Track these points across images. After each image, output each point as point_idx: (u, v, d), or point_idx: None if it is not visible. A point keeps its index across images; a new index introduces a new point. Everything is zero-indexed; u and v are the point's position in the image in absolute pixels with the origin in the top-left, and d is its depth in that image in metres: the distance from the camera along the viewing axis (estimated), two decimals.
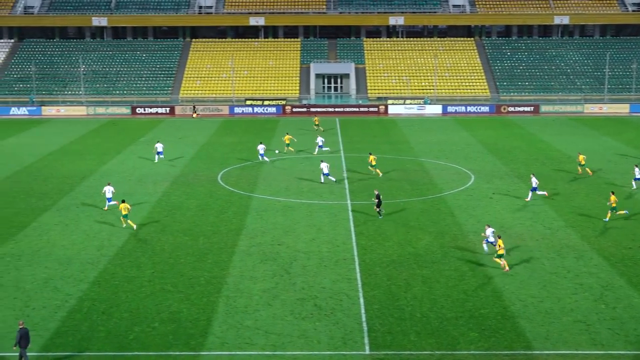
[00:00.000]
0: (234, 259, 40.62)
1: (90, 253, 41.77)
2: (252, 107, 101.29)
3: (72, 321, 32.79)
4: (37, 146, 74.97)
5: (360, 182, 58.13)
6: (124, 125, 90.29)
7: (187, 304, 34.55)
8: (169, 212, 50.18)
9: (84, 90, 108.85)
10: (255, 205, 51.56)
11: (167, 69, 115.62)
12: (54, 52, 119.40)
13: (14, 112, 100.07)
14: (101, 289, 36.46)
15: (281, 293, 35.76)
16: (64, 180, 59.31)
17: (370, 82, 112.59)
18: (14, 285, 36.93)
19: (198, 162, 66.57)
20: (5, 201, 53.15)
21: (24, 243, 43.59)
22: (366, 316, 33.11)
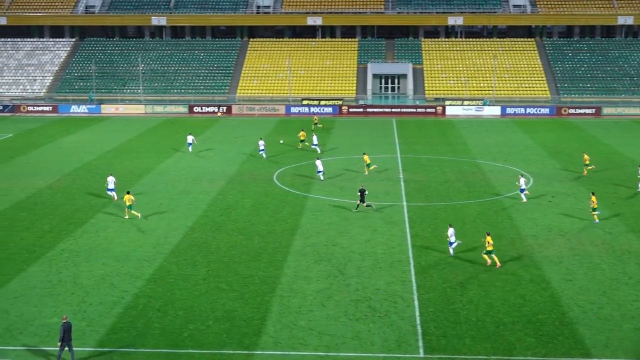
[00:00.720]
0: (288, 259, 40.75)
1: (146, 250, 42.32)
2: (308, 106, 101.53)
3: (127, 317, 33.26)
4: (96, 144, 76.23)
5: (416, 184, 57.84)
6: (181, 124, 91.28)
7: (241, 303, 34.77)
8: (224, 211, 50.57)
9: (143, 89, 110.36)
10: (310, 205, 51.66)
11: (225, 68, 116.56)
12: (114, 51, 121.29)
13: (74, 110, 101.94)
14: (157, 286, 36.91)
15: (335, 294, 35.76)
16: (121, 178, 60.13)
17: (427, 82, 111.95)
18: (72, 281, 37.61)
19: (254, 161, 66.95)
20: (64, 198, 54.16)
21: (82, 239, 44.37)
22: (421, 319, 32.91)
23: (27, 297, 35.59)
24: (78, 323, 32.49)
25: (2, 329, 31.97)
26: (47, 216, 49.43)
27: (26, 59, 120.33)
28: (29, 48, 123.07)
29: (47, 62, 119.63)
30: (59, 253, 41.93)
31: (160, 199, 53.76)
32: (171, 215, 49.30)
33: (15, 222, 47.95)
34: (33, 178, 60.31)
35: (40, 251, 42.24)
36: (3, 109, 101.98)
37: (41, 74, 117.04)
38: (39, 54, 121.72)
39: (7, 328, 32.08)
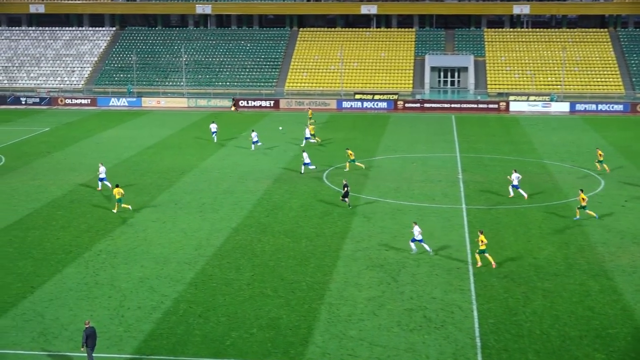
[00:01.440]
0: (338, 264, 40.77)
1: (187, 252, 42.71)
2: (361, 101, 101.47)
3: (167, 323, 33.59)
4: (136, 139, 77.14)
5: (476, 185, 57.45)
6: (225, 118, 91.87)
7: (287, 310, 34.88)
8: (271, 211, 50.79)
9: (186, 82, 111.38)
10: (362, 207, 51.61)
11: (273, 59, 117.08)
12: (156, 41, 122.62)
13: (113, 103, 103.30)
14: (198, 291, 37.22)
15: (388, 302, 35.69)
16: (162, 175, 60.83)
17: (490, 76, 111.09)
18: (110, 284, 38.12)
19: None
20: (103, 196, 54.90)
21: (120, 240, 44.94)
22: (480, 331, 32.68)
23: (63, 299, 36.18)
24: (115, 328, 32.93)
25: (36, 333, 32.54)
26: (84, 215, 50.17)
27: (64, 49, 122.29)
28: (68, 37, 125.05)
29: (86, 52, 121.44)
30: (96, 254, 42.53)
31: (203, 198, 54.21)
32: (214, 216, 49.67)
33: (51, 221, 48.78)
34: (70, 174, 61.28)
35: (77, 252, 42.90)
36: (40, 101, 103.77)
37: (80, 65, 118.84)
38: (78, 43, 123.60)
39: (41, 332, 32.65)
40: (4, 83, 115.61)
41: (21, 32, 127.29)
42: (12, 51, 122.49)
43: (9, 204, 52.83)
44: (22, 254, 42.64)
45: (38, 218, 49.45)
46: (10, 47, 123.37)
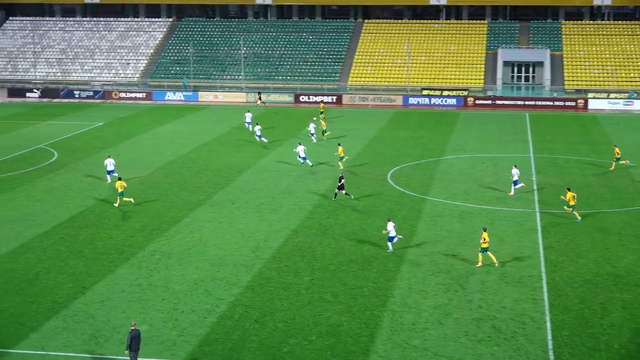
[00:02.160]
0: (402, 269, 40.71)
1: (244, 254, 43.04)
2: (429, 97, 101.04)
3: (222, 328, 33.91)
4: (192, 135, 77.95)
5: (551, 188, 56.82)
6: (285, 114, 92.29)
7: (348, 317, 34.94)
8: (332, 213, 50.89)
9: (244, 75, 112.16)
10: (428, 210, 51.46)
11: (335, 52, 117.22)
12: (214, 33, 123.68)
13: (169, 97, 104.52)
14: (255, 295, 37.49)
15: (455, 311, 35.54)
16: (219, 173, 61.38)
17: (567, 71, 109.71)
18: (163, 286, 38.62)
19: (366, 158, 67.12)
20: (157, 194, 55.64)
21: (175, 240, 45.49)
22: (553, 343, 32.35)
23: (115, 301, 36.77)
24: (169, 332, 33.36)
25: (87, 335, 33.14)
26: (138, 213, 50.89)
27: (119, 41, 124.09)
28: (123, 29, 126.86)
29: (141, 44, 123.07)
30: (150, 254, 43.12)
31: (261, 197, 54.56)
32: (273, 217, 49.96)
33: (103, 219, 49.58)
34: (124, 171, 62.11)
35: (130, 252, 43.55)
36: (94, 95, 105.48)
37: (135, 57, 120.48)
38: (133, 35, 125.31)
39: (92, 334, 33.23)
40: (58, 76, 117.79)
41: (75, 22, 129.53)
42: (65, 43, 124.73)
43: (61, 200, 53.86)
44: (74, 253, 43.45)
45: (90, 216, 50.32)
46: (64, 39, 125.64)
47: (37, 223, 48.85)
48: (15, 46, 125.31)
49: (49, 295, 37.44)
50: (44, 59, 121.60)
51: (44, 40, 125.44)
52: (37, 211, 51.45)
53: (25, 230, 47.49)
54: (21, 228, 47.87)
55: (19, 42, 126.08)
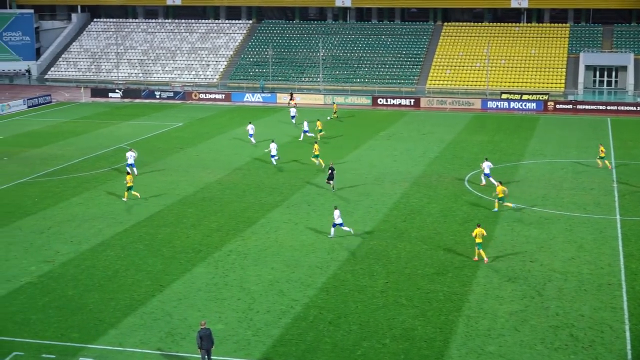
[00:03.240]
0: (478, 275, 40.37)
1: (319, 256, 43.15)
2: (508, 101, 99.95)
3: (296, 329, 34.06)
4: (270, 136, 78.31)
5: (633, 195, 55.70)
6: (362, 117, 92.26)
7: (423, 321, 34.79)
8: (408, 216, 50.73)
9: (322, 77, 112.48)
10: (505, 215, 50.91)
11: (414, 55, 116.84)
12: (293, 35, 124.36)
13: (248, 98, 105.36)
14: (329, 297, 37.57)
15: (531, 317, 35.10)
16: (296, 175, 61.64)
17: None
18: (239, 286, 38.95)
19: (443, 161, 66.74)
20: (234, 194, 56.15)
21: (251, 240, 45.85)
22: (632, 354, 31.71)
23: (191, 300, 37.22)
24: (243, 332, 33.64)
25: (164, 333, 33.61)
26: (215, 213, 51.43)
27: (200, 42, 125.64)
28: (203, 30, 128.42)
29: (221, 45, 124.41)
30: (226, 254, 43.53)
31: (337, 200, 54.58)
32: (348, 219, 49.95)
33: (182, 219, 50.24)
34: (202, 171, 62.91)
35: (207, 251, 44.03)
36: (174, 95, 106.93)
37: (215, 59, 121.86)
38: (214, 37, 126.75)
39: (169, 332, 33.69)
40: (139, 76, 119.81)
41: (157, 24, 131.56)
42: (148, 44, 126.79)
43: (140, 199, 54.70)
44: (152, 251, 44.12)
45: (169, 215, 51.02)
46: (146, 40, 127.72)
47: (117, 221, 49.74)
48: (99, 47, 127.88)
49: (127, 293, 38.09)
50: (126, 60, 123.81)
51: (126, 41, 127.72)
52: (117, 209, 52.38)
53: (105, 228, 48.40)
54: (101, 226, 48.80)
55: (103, 43, 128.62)
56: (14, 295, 37.82)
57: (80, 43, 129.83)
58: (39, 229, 48.17)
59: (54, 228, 48.44)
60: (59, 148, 72.81)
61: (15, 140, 77.02)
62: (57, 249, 44.54)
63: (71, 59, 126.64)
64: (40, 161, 66.52)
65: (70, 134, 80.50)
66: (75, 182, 59.62)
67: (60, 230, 47.94)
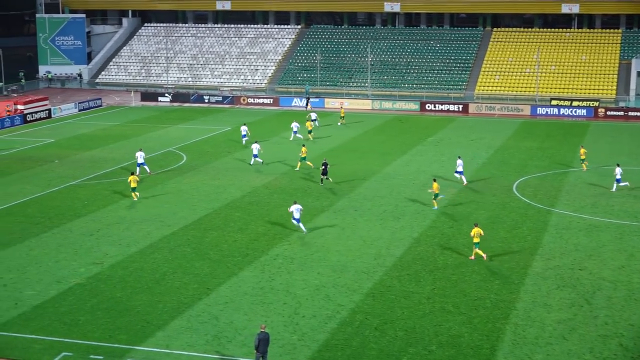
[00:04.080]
0: (526, 282, 40.05)
1: (366, 261, 43.11)
2: (557, 107, 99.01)
3: (342, 334, 34.04)
4: (317, 141, 78.48)
5: None
6: (411, 122, 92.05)
7: (469, 328, 34.58)
8: (455, 222, 50.49)
9: (370, 83, 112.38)
10: (554, 222, 50.44)
11: (463, 61, 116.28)
12: (341, 40, 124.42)
13: (295, 103, 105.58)
14: (375, 302, 37.50)
15: (580, 326, 34.72)
16: (343, 180, 61.62)
17: None
18: (285, 290, 39.04)
19: (491, 168, 66.31)
20: (281, 199, 56.28)
21: (297, 245, 45.93)
22: None
23: (238, 303, 37.38)
24: (289, 336, 33.70)
25: (210, 336, 33.79)
26: (262, 217, 51.62)
27: (249, 47, 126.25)
28: (252, 35, 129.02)
29: (270, 50, 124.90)
30: (273, 258, 43.66)
31: (384, 205, 54.56)
32: (395, 225, 49.90)
33: (229, 222, 50.49)
34: (250, 175, 63.17)
35: (253, 255, 44.20)
36: (222, 100, 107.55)
37: (263, 64, 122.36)
38: (262, 41, 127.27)
39: (215, 335, 33.87)
40: (188, 81, 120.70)
41: (207, 29, 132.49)
42: (197, 49, 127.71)
43: (188, 203, 55.11)
44: (199, 254, 44.40)
45: (216, 219, 51.29)
46: (196, 45, 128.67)
47: (165, 224, 50.14)
48: (149, 52, 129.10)
49: (174, 295, 38.36)
50: (175, 64, 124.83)
51: (176, 46, 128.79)
52: (166, 212, 52.81)
53: (153, 230, 48.81)
54: (150, 229, 49.23)
55: (153, 47, 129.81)
56: (63, 296, 38.31)
57: (131, 47, 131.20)
58: (89, 231, 48.74)
59: (103, 230, 48.98)
60: (109, 151, 73.61)
61: (67, 143, 78.05)
62: (106, 251, 45.04)
63: (121, 63, 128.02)
64: (90, 164, 67.33)
65: (120, 137, 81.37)
66: (124, 185, 60.19)
67: (109, 233, 48.47)
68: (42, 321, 35.40)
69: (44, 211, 53.30)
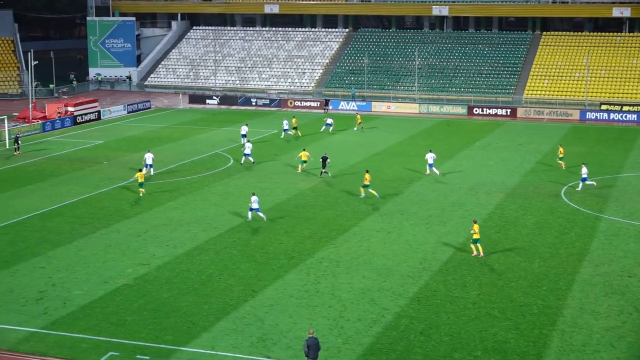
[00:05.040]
0: (573, 288, 39.64)
1: (411, 266, 42.98)
2: (607, 112, 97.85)
3: (387, 338, 33.97)
4: (364, 145, 78.52)
5: None
6: (458, 126, 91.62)
7: (515, 334, 34.32)
8: (502, 227, 50.15)
9: (418, 86, 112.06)
10: (603, 228, 49.88)
11: (511, 65, 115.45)
12: (389, 44, 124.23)
13: (342, 107, 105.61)
14: (421, 307, 37.37)
15: (628, 334, 34.28)
16: (389, 183, 61.54)
17: None
18: (330, 293, 39.06)
19: (539, 173, 65.77)
20: (327, 202, 56.34)
21: (343, 248, 45.93)
22: None
23: (283, 306, 37.47)
24: (334, 339, 33.70)
25: (255, 338, 33.91)
26: (308, 220, 51.70)
27: (296, 50, 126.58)
28: (300, 38, 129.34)
29: (317, 53, 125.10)
30: (318, 261, 43.71)
31: (430, 209, 54.36)
32: (441, 229, 49.69)
33: (274, 225, 50.64)
34: (296, 178, 63.30)
35: (299, 258, 44.28)
36: (270, 103, 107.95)
37: (310, 67, 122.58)
38: (310, 45, 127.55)
39: (260, 337, 33.98)
40: (236, 83, 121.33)
41: (255, 32, 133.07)
42: (245, 52, 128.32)
43: (235, 205, 55.39)
44: (245, 256, 44.59)
45: (262, 221, 51.44)
46: (244, 48, 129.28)
47: (211, 226, 50.44)
48: (198, 54, 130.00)
49: (220, 297, 38.56)
50: (223, 67, 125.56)
51: (224, 49, 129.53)
52: (212, 215, 53.12)
53: (200, 232, 49.12)
54: (196, 230, 49.55)
55: (201, 50, 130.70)
56: (110, 297, 38.70)
57: (180, 50, 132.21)
58: (136, 232, 49.19)
59: (150, 231, 49.41)
60: (157, 153, 74.10)
61: (115, 145, 78.88)
62: (153, 252, 45.42)
63: (170, 66, 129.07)
64: (138, 165, 67.93)
65: (167, 139, 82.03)
66: (172, 186, 60.72)
67: (156, 234, 48.87)
68: (89, 321, 35.81)
69: (93, 212, 53.92)
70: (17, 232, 49.48)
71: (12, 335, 34.28)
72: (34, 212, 53.97)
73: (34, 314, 36.57)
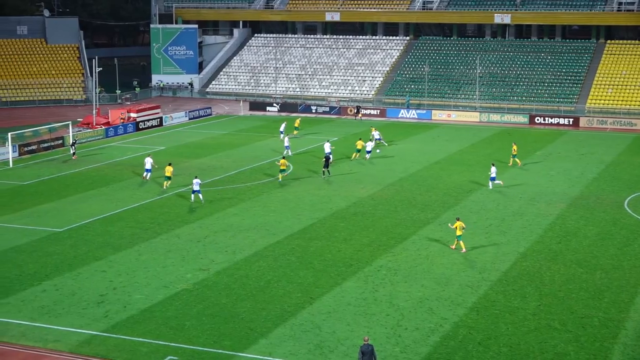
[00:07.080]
0: (636, 301, 39.02)
1: (470, 275, 42.69)
2: None
3: (444, 348, 33.78)
4: (424, 153, 78.25)
5: None
6: (519, 135, 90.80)
7: (576, 347, 33.88)
8: (563, 238, 49.58)
9: (479, 95, 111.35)
10: None
11: (574, 74, 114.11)
12: (450, 52, 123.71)
13: (402, 115, 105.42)
14: (479, 317, 37.10)
15: None
16: (448, 192, 61.25)
17: None
18: (388, 301, 38.97)
19: (602, 183, 64.89)
20: (386, 210, 56.25)
21: (401, 257, 45.81)
22: None
23: (341, 313, 37.48)
24: (391, 348, 33.63)
25: (312, 345, 33.97)
26: (367, 228, 51.66)
27: (357, 58, 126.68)
28: (361, 46, 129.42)
29: (378, 61, 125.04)
30: (376, 269, 43.64)
31: (490, 219, 53.95)
32: (501, 239, 49.29)
33: (333, 232, 50.70)
34: (355, 186, 63.31)
35: (357, 265, 44.26)
36: (329, 110, 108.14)
37: (371, 75, 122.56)
38: (370, 52, 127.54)
39: (318, 344, 34.03)
40: (297, 91, 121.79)
41: (316, 40, 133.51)
42: (306, 59, 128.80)
43: (294, 212, 55.57)
44: (303, 263, 44.71)
45: (321, 229, 51.58)
46: (305, 55, 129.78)
47: (270, 233, 50.68)
48: (259, 62, 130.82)
49: (278, 303, 38.71)
50: (284, 74, 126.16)
51: (285, 56, 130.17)
52: (271, 221, 53.36)
53: (259, 239, 49.38)
54: (255, 237, 49.83)
55: (262, 58, 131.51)
56: (170, 301, 39.10)
57: (241, 57, 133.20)
58: (196, 238, 49.64)
59: (210, 237, 49.81)
60: (217, 159, 74.85)
61: (176, 151, 79.68)
62: (212, 257, 45.78)
63: (231, 73, 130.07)
64: (198, 172, 68.49)
65: (228, 146, 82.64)
66: (232, 193, 61.15)
67: (215, 240, 49.26)
68: (149, 325, 36.22)
69: (154, 217, 54.54)
70: (80, 236, 50.29)
71: (74, 338, 34.83)
72: (96, 216, 54.80)
73: (95, 317, 37.12)
